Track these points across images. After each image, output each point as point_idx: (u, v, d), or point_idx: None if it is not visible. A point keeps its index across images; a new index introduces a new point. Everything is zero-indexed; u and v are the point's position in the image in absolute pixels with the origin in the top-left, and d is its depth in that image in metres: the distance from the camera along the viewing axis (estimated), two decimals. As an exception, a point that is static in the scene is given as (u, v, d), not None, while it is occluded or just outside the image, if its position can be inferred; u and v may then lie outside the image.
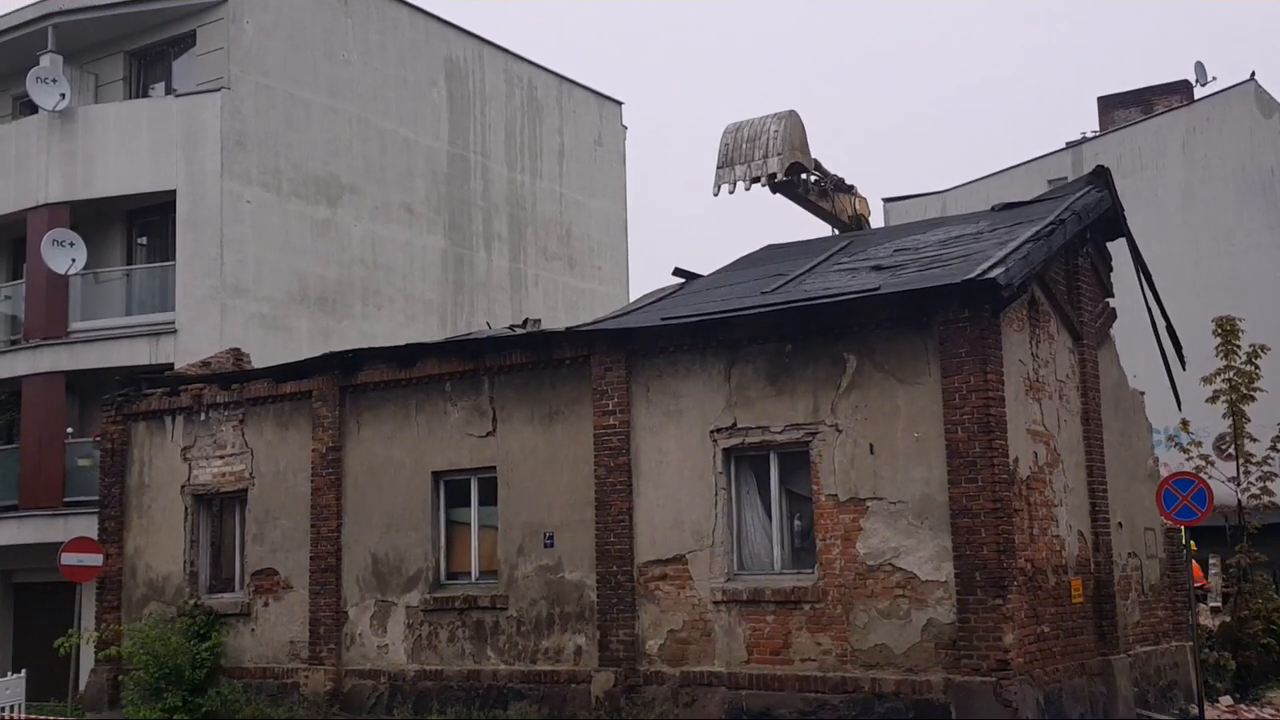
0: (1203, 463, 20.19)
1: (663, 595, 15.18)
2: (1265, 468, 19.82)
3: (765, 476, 14.86)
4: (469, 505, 17.12)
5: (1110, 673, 15.38)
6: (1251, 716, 17.51)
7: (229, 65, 26.28)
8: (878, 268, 15.33)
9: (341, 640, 17.74)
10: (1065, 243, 15.06)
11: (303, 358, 22.40)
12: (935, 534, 13.47)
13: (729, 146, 19.31)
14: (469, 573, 17.08)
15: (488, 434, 16.83)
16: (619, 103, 38.45)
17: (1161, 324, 17.28)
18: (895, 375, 13.91)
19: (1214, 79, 42.23)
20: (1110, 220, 16.69)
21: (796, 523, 14.72)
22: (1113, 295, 17.44)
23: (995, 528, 13.11)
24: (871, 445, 13.96)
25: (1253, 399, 20.32)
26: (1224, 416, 20.80)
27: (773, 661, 14.31)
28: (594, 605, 15.60)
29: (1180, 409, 18.39)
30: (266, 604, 18.59)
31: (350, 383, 18.12)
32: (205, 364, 21.95)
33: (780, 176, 18.84)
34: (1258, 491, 20.37)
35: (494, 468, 16.73)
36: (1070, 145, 44.26)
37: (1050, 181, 42.86)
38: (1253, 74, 39.80)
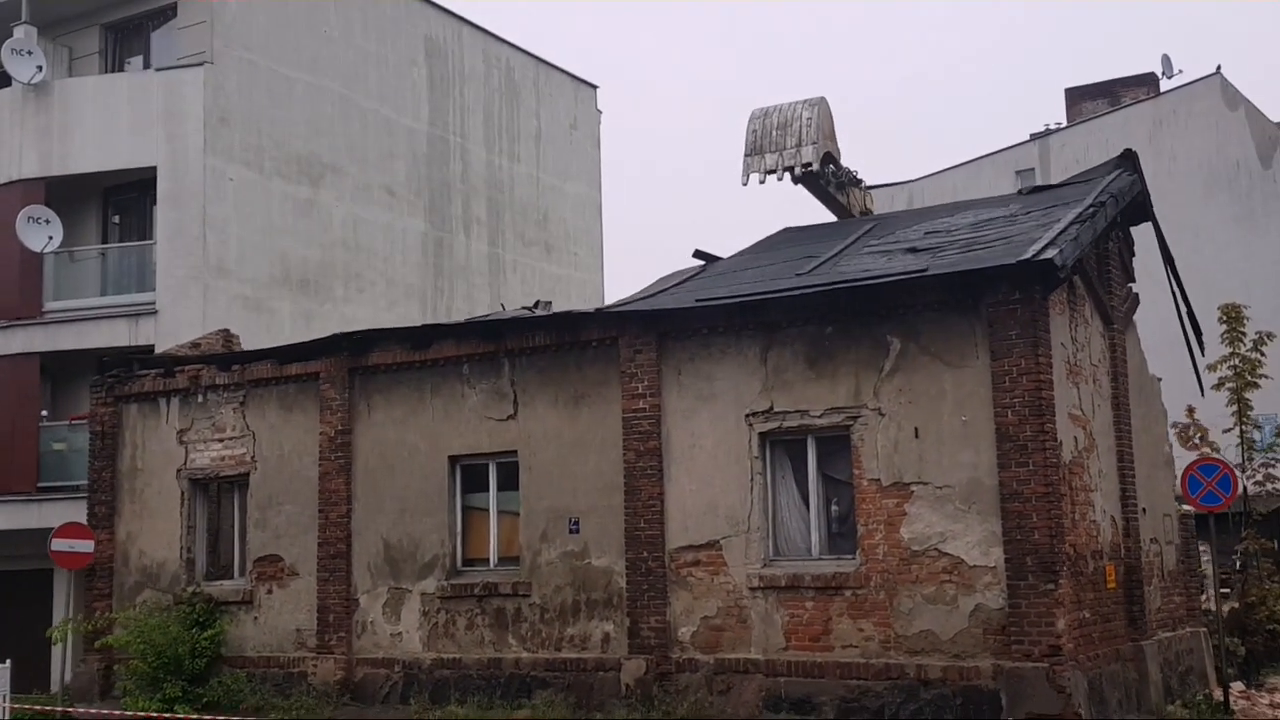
0: (1209, 450, 20.26)
1: (695, 582, 14.91)
2: (1271, 454, 19.94)
3: (802, 461, 14.63)
4: (487, 490, 16.74)
5: (1142, 658, 15.35)
6: (1266, 702, 17.58)
7: (212, 39, 25.53)
8: (913, 250, 15.14)
9: (352, 628, 17.30)
10: (1106, 225, 14.96)
11: (285, 341, 21.95)
12: (983, 519, 13.31)
13: (757, 133, 18.74)
14: (487, 559, 16.71)
15: (508, 417, 16.45)
16: (594, 86, 38.07)
17: (1184, 309, 17.26)
18: (941, 358, 13.72)
19: (1180, 72, 42.69)
20: (1137, 205, 16.63)
21: (834, 508, 14.51)
22: (1134, 280, 17.41)
23: (1047, 512, 12.97)
24: (916, 429, 13.77)
25: (1257, 386, 20.43)
26: (1227, 405, 20.90)
27: (812, 648, 14.09)
28: (623, 592, 15.30)
29: (1203, 394, 18.42)
30: (270, 591, 18.08)
31: (360, 364, 17.66)
32: (195, 345, 21.34)
33: (815, 166, 18.39)
34: (1261, 479, 20.49)
35: (515, 452, 16.36)
36: (1035, 137, 44.55)
37: (1018, 173, 43.27)
38: (1218, 67, 40.23)
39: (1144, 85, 43.38)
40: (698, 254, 18.46)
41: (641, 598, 15.10)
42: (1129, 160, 16.60)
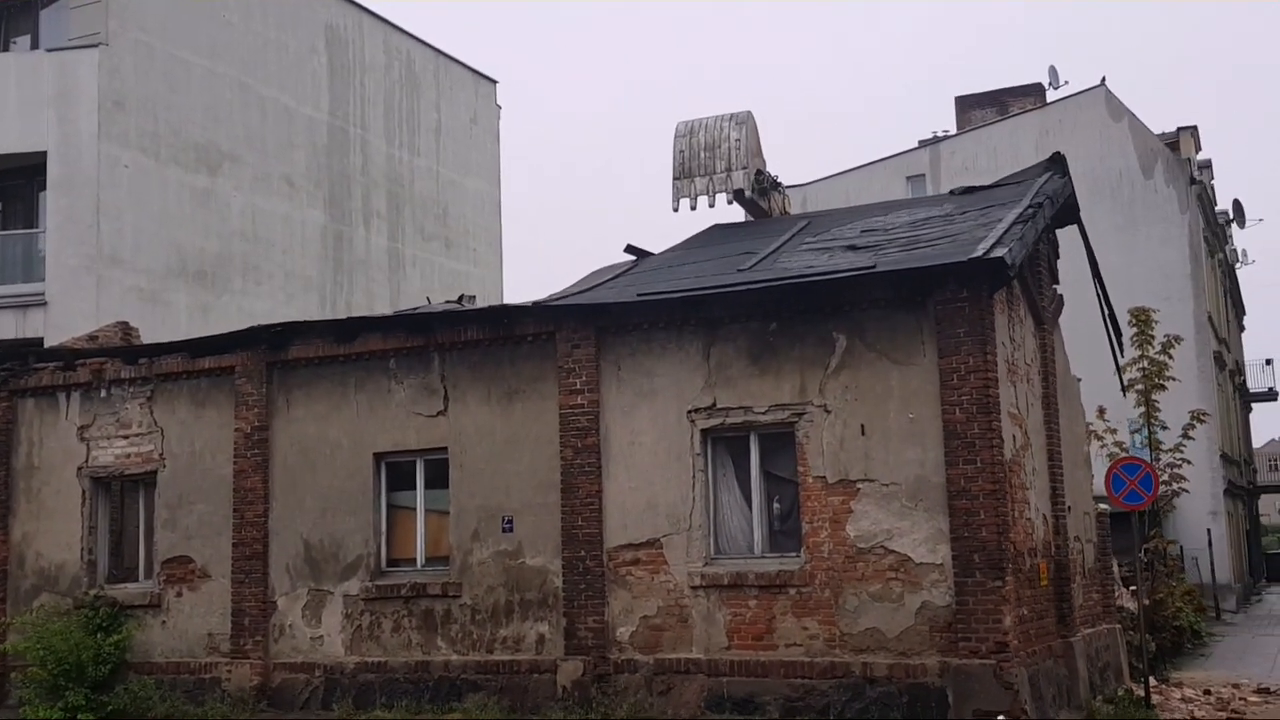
0: (1117, 450, 20.71)
1: (635, 581, 14.66)
2: (1178, 454, 20.44)
3: (745, 458, 14.49)
4: (415, 489, 16.26)
5: (1071, 655, 15.55)
6: (1178, 696, 17.99)
7: (106, 20, 24.61)
8: (853, 247, 15.11)
9: (269, 632, 16.66)
10: (1045, 226, 15.12)
11: (182, 335, 21.17)
12: (930, 516, 13.32)
13: (685, 155, 18.37)
14: (414, 559, 16.23)
15: (438, 413, 16.01)
16: (494, 81, 37.69)
17: (1107, 312, 17.57)
18: (888, 355, 13.70)
19: (1066, 83, 43.87)
20: (1067, 207, 16.87)
21: (777, 506, 14.40)
22: (1059, 282, 17.67)
23: (994, 509, 13.02)
24: (862, 426, 13.72)
25: (1164, 388, 20.94)
26: (1135, 406, 21.40)
27: (756, 647, 13.95)
28: (559, 591, 14.98)
29: (1125, 394, 18.78)
30: (180, 594, 17.33)
31: (279, 358, 17.02)
32: (93, 338, 20.43)
33: (748, 193, 18.19)
34: (1168, 478, 21.01)
35: (445, 449, 15.92)
36: (925, 144, 45.34)
37: (909, 178, 44.01)
38: (1103, 79, 41.43)
39: (1031, 95, 44.51)
40: (629, 249, 18.21)
41: (578, 598, 14.80)
42: (1058, 163, 16.84)
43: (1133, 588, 21.01)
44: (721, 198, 18.65)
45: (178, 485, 17.53)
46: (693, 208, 18.57)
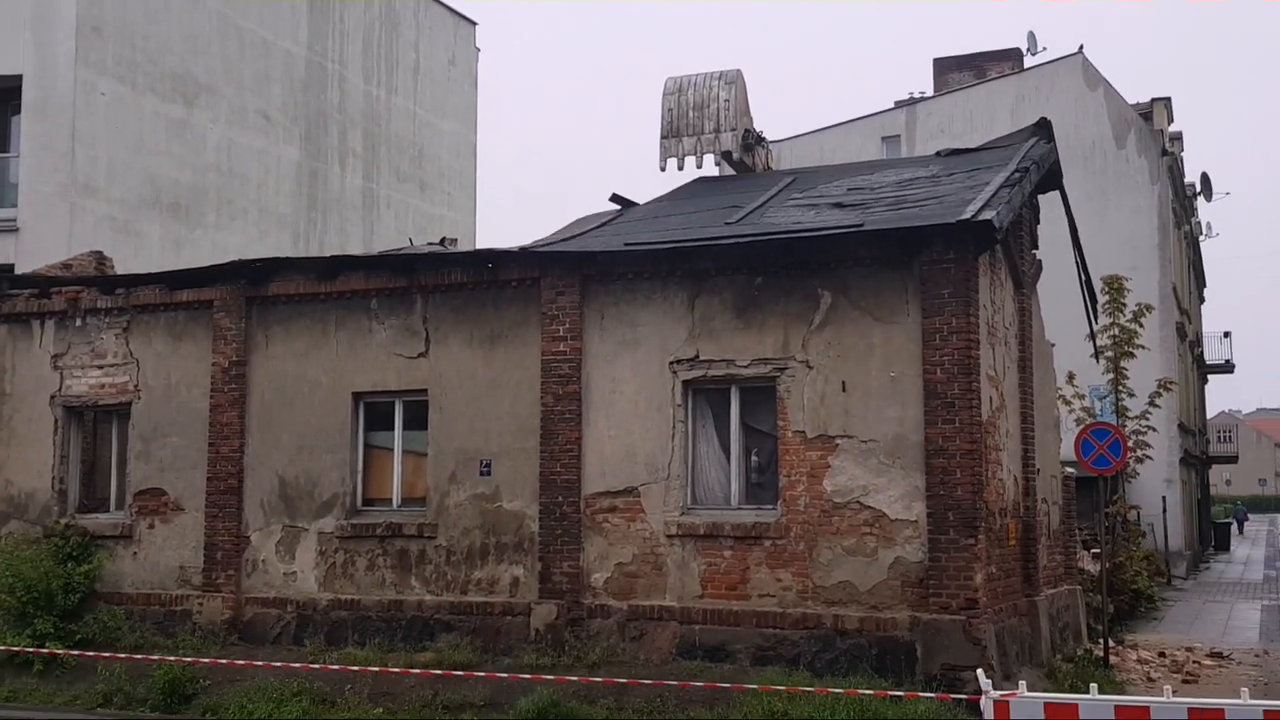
0: (1085, 415, 21.00)
1: (611, 528, 14.80)
2: (1144, 422, 20.75)
3: (725, 411, 14.61)
4: (393, 429, 16.30)
5: (1035, 613, 15.85)
6: (1134, 657, 18.39)
7: (85, -57, 24.12)
8: (839, 205, 15.20)
9: (242, 566, 16.71)
10: (1031, 190, 15.25)
11: (154, 267, 21.03)
12: (907, 473, 13.51)
13: (673, 113, 18.22)
14: (390, 499, 16.29)
15: (419, 355, 16.02)
16: (473, 23, 37.33)
17: (1084, 278, 17.76)
18: (871, 313, 13.83)
19: (1044, 49, 43.99)
20: (1050, 173, 17.00)
21: (755, 459, 14.55)
22: (1038, 247, 17.84)
23: (970, 469, 13.23)
24: (844, 383, 13.86)
25: (1133, 356, 21.21)
26: (1104, 373, 21.68)
27: (729, 597, 14.15)
28: (535, 536, 15.10)
29: (1098, 360, 19.02)
30: (152, 526, 17.33)
31: (259, 294, 16.95)
32: (67, 266, 20.24)
33: (736, 155, 18.14)
34: (1133, 446, 21.34)
35: (425, 390, 15.95)
36: (902, 105, 45.37)
37: (884, 139, 44.07)
38: (1080, 47, 41.53)
39: (1009, 60, 44.57)
40: (614, 198, 18.21)
41: (554, 542, 14.93)
42: (1044, 129, 16.96)
43: (1094, 550, 21.41)
44: (709, 158, 18.68)
45: (152, 417, 17.47)
46: (680, 168, 18.56)
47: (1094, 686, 9.47)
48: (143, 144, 25.09)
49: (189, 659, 14.93)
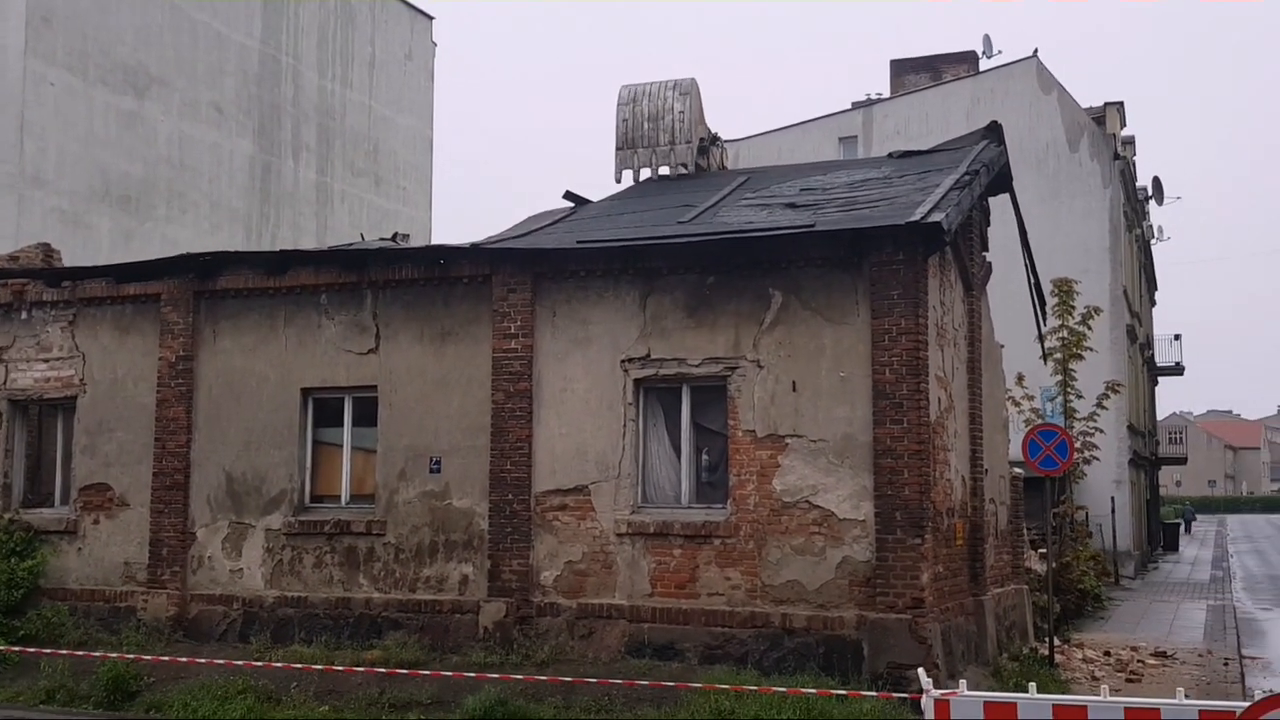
0: (1034, 416, 21.19)
1: (561, 526, 14.78)
2: (1092, 423, 20.96)
3: (676, 409, 14.63)
4: (342, 425, 16.20)
5: (982, 613, 15.96)
6: (1080, 657, 18.56)
7: (35, -69, 23.81)
8: (792, 205, 15.25)
9: (188, 563, 16.56)
10: (980, 193, 15.36)
11: (104, 260, 20.78)
12: (856, 473, 13.57)
13: (628, 124, 18.18)
14: (338, 496, 16.20)
15: (369, 351, 15.93)
16: (430, 17, 37.16)
17: (1033, 280, 17.91)
18: (822, 314, 13.88)
19: (1000, 52, 44.33)
20: (1000, 176, 17.13)
21: (705, 458, 14.57)
22: (988, 249, 17.97)
23: (918, 469, 13.31)
24: (794, 383, 13.91)
25: (1081, 358, 21.41)
26: (1053, 374, 21.88)
27: (678, 595, 14.16)
28: (484, 534, 15.06)
29: (1045, 361, 19.18)
30: (97, 521, 17.15)
31: (207, 288, 16.81)
32: (13, 258, 19.92)
33: (690, 168, 18.16)
34: (1081, 447, 21.54)
35: (374, 387, 15.87)
36: (859, 106, 45.60)
37: (841, 140, 44.27)
38: (1035, 51, 41.90)
39: (965, 63, 44.88)
40: (568, 195, 18.18)
41: (504, 540, 14.89)
42: (995, 132, 17.08)
43: (1041, 550, 21.61)
44: (664, 169, 18.70)
45: (98, 411, 17.29)
46: (636, 179, 18.56)
47: (1033, 686, 9.54)
48: (93, 135, 24.82)
49: (133, 656, 14.77)
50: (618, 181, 18.62)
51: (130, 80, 25.75)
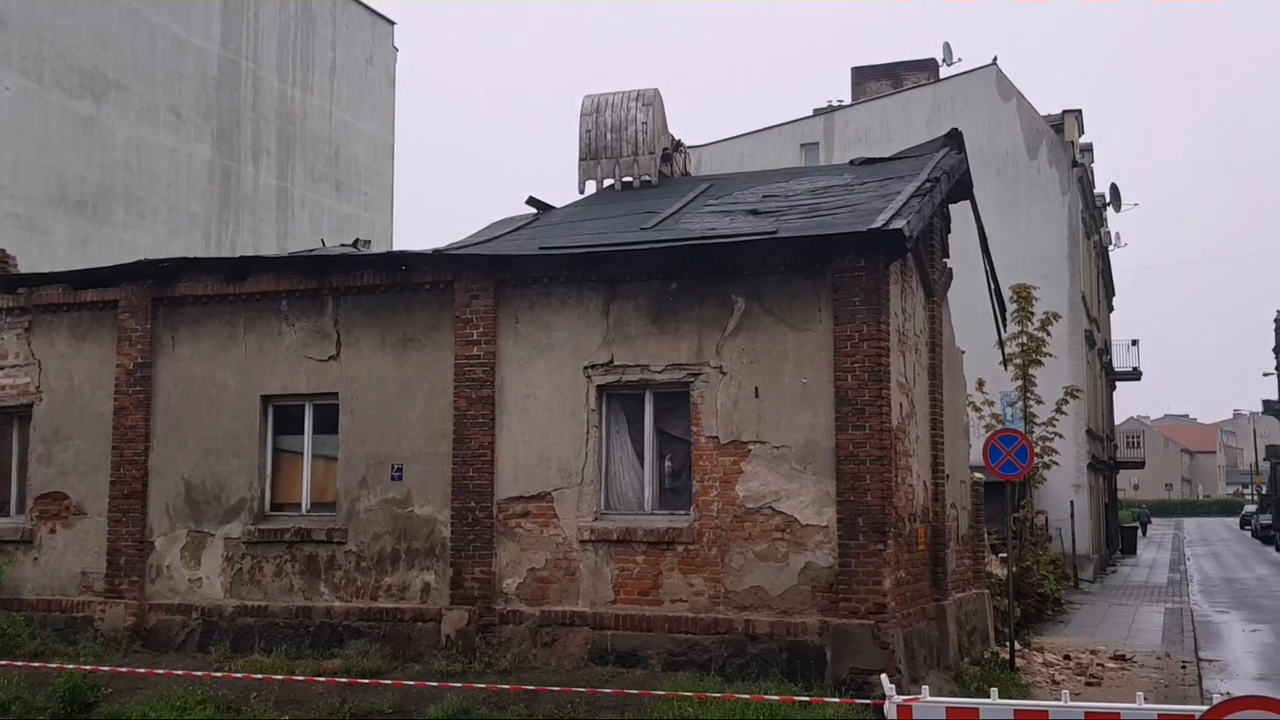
0: (994, 422, 21.32)
1: (524, 533, 14.73)
2: (1051, 428, 21.11)
3: (639, 416, 14.61)
4: (302, 433, 16.08)
5: (943, 617, 16.05)
6: (1040, 660, 18.68)
7: (-11, -66, 23.54)
8: (754, 212, 15.28)
9: (146, 572, 16.38)
10: (941, 200, 15.44)
11: (60, 266, 20.53)
12: (818, 479, 13.60)
13: (591, 134, 18.18)
14: (299, 504, 16.07)
15: (330, 358, 15.83)
16: (391, 23, 37.02)
17: (994, 287, 18.03)
18: (785, 320, 13.91)
19: (959, 60, 44.68)
20: (961, 183, 17.23)
21: (668, 464, 14.56)
22: (949, 256, 18.08)
23: (880, 475, 13.35)
24: (757, 389, 13.93)
25: (1041, 363, 21.57)
26: (1013, 380, 22.02)
27: (641, 602, 14.14)
28: (447, 541, 14.99)
29: (1006, 367, 19.30)
30: (53, 531, 16.93)
31: (166, 294, 16.65)
32: (-34, 265, 19.67)
33: (654, 180, 18.18)
34: (1040, 452, 21.70)
35: (335, 394, 15.76)
36: (820, 112, 45.79)
37: (803, 146, 44.44)
38: (994, 59, 42.23)
39: (925, 70, 45.17)
40: (531, 201, 18.13)
41: (466, 548, 14.82)
42: (955, 139, 17.19)
43: (1002, 555, 21.74)
44: (628, 180, 18.70)
45: (54, 419, 17.08)
46: (599, 188, 18.55)
47: (994, 691, 9.59)
48: (49, 140, 24.54)
49: (90, 666, 14.56)
50: (581, 192, 18.61)
51: (87, 84, 25.49)
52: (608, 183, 18.58)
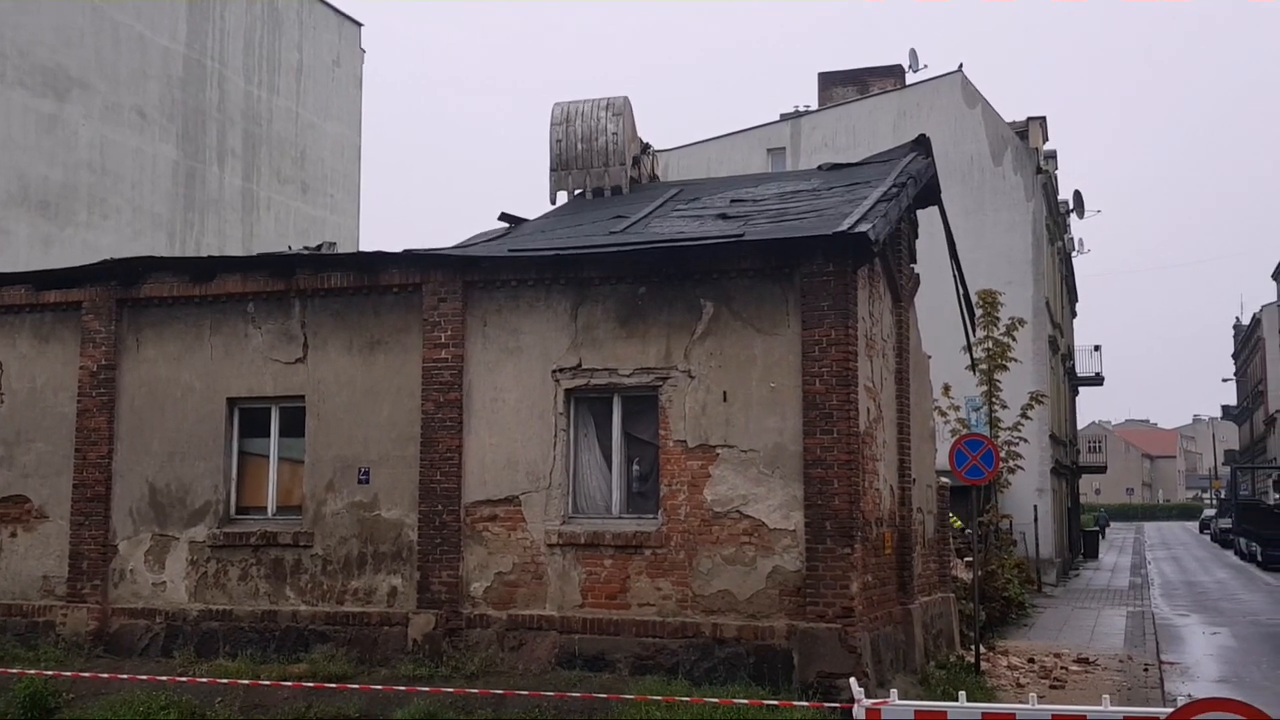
0: (960, 426, 21.44)
1: (491, 537, 14.69)
2: (1016, 433, 21.25)
3: (607, 420, 14.61)
4: (268, 436, 15.98)
5: (910, 621, 16.12)
6: (1005, 664, 18.79)
7: (-49, -70, 23.30)
8: (723, 216, 15.31)
9: (109, 576, 16.22)
10: (908, 205, 15.52)
11: (21, 267, 20.33)
12: (786, 483, 13.63)
13: (561, 144, 18.19)
14: (265, 508, 15.97)
15: (297, 360, 15.74)
16: (359, 24, 36.86)
17: (962, 291, 18.13)
18: (753, 324, 13.94)
19: (925, 66, 44.91)
20: (928, 188, 17.33)
21: (636, 468, 14.57)
22: (916, 261, 18.17)
23: (847, 479, 13.40)
24: (725, 393, 13.95)
25: (1006, 368, 21.71)
26: (979, 385, 22.15)
27: (609, 606, 14.13)
28: (414, 545, 14.93)
29: (974, 372, 19.41)
30: (14, 534, 16.76)
31: (130, 296, 16.50)
32: (-73, 264, 19.46)
33: (625, 189, 18.19)
34: (1005, 456, 21.84)
35: (302, 397, 15.68)
36: (787, 117, 45.93)
37: (769, 150, 44.57)
38: (960, 65, 42.54)
39: (892, 76, 45.39)
40: (503, 216, 18.09)
41: (434, 551, 14.77)
42: (923, 145, 17.28)
43: (967, 559, 21.86)
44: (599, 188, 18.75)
45: (16, 422, 16.90)
46: (569, 199, 18.57)
47: (962, 694, 9.64)
48: (10, 139, 24.30)
49: (51, 672, 14.42)
50: (553, 203, 18.61)
51: (50, 83, 25.25)
52: (578, 192, 18.58)
